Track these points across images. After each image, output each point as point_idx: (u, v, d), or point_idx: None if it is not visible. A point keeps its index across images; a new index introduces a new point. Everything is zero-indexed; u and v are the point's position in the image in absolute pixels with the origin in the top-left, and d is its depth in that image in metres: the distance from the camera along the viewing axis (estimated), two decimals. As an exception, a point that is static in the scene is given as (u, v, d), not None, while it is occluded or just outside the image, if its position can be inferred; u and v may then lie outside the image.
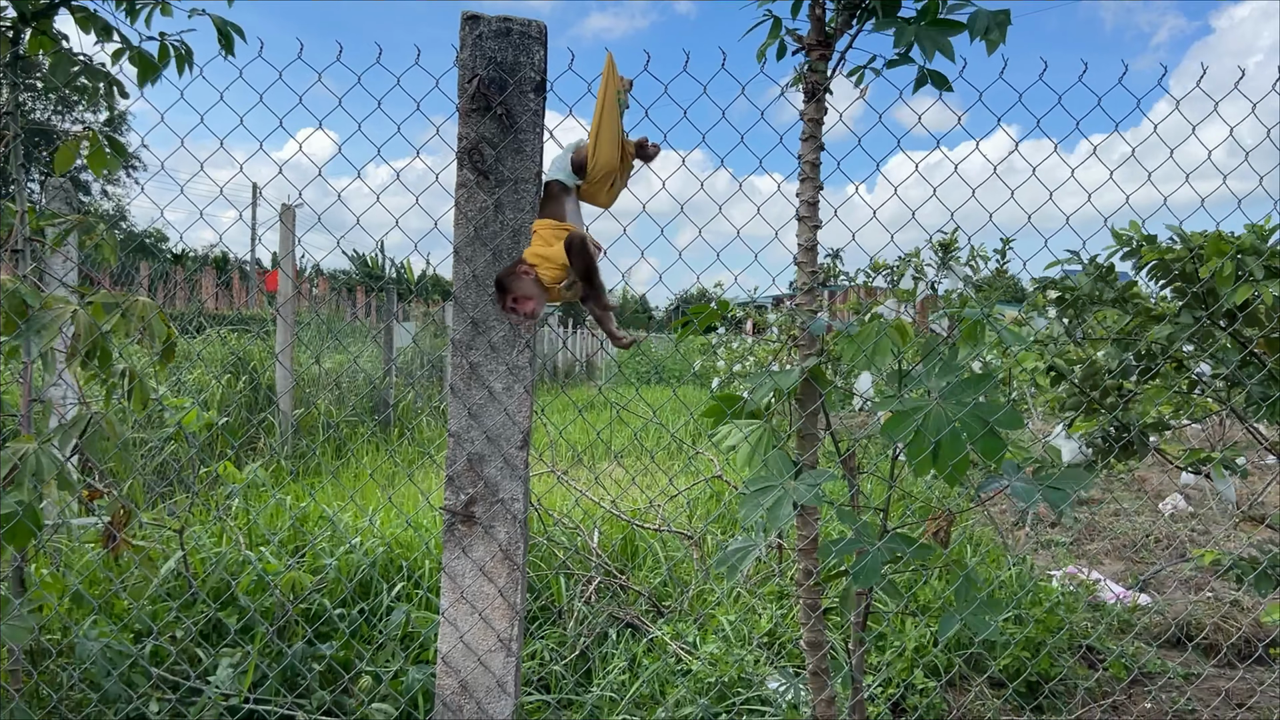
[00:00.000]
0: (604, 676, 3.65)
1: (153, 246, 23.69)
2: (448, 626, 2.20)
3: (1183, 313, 3.57)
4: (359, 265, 40.60)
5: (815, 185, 2.57)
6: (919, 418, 2.25)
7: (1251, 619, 5.03)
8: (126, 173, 35.43)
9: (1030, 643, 4.36)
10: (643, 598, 4.40)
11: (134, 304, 2.50)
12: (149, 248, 11.36)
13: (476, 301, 2.17)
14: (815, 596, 2.60)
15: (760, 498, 2.24)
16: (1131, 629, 4.93)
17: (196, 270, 21.04)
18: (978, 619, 2.32)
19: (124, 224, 32.48)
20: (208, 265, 25.76)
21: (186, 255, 26.21)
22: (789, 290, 3.45)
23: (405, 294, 17.57)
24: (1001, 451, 2.21)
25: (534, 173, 2.16)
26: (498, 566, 2.19)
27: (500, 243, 2.15)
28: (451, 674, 2.20)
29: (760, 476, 2.32)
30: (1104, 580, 5.74)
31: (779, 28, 2.58)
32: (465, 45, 2.11)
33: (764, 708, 3.49)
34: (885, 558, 2.29)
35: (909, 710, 3.84)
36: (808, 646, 2.64)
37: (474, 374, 2.18)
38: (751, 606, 4.47)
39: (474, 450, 2.18)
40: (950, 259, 5.98)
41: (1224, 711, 4.16)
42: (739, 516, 2.23)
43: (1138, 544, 7.08)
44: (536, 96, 2.14)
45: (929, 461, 2.25)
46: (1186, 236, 3.50)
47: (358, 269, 41.27)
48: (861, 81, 2.58)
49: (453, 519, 2.18)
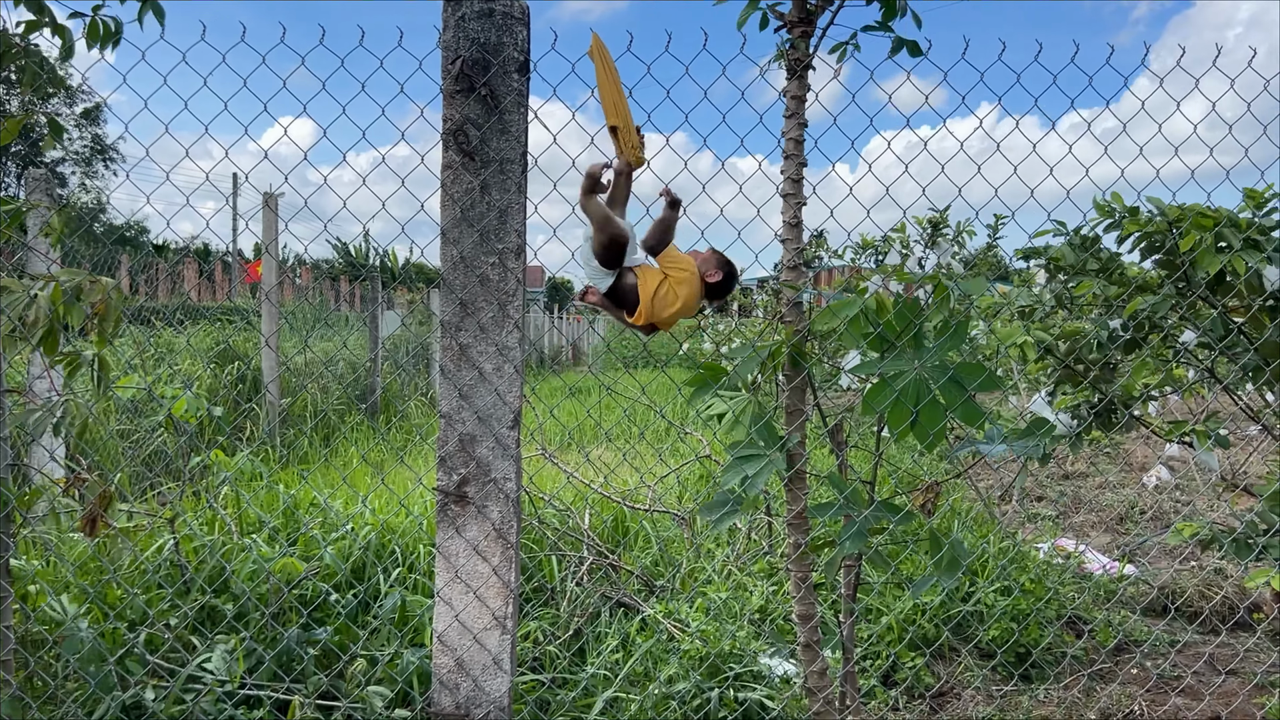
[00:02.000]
0: (597, 655, 3.68)
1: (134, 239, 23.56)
2: (443, 606, 2.22)
3: (1165, 284, 3.61)
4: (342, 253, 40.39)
5: (799, 162, 2.59)
6: (898, 386, 2.28)
7: (1234, 584, 5.11)
8: (105, 164, 35.15)
9: (1018, 612, 4.42)
10: (634, 577, 4.43)
11: (91, 284, 2.44)
12: (130, 240, 11.27)
13: (464, 282, 2.18)
14: (805, 569, 2.63)
15: (744, 465, 2.27)
16: (1115, 598, 5.00)
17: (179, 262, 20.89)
18: (949, 574, 2.34)
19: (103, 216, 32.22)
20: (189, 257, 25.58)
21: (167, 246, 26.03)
22: (773, 271, 3.47)
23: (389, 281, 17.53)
24: (982, 419, 2.24)
25: (519, 153, 2.16)
26: (491, 545, 2.21)
27: (487, 223, 2.16)
28: (447, 652, 2.22)
29: (745, 444, 2.34)
30: (1089, 549, 5.81)
31: (756, 3, 2.59)
32: (448, 26, 2.11)
33: (755, 683, 3.53)
34: (871, 524, 2.33)
35: (899, 682, 3.89)
36: (799, 619, 2.67)
37: (463, 355, 2.19)
38: (742, 583, 4.51)
39: (465, 431, 2.20)
40: (939, 236, 6.00)
41: (1208, 677, 4.22)
42: (719, 478, 2.26)
43: (1123, 516, 7.16)
44: (520, 77, 2.14)
45: (908, 429, 2.28)
46: (1166, 209, 3.53)
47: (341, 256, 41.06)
48: (844, 58, 2.60)
49: (445, 499, 2.20)
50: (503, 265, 2.18)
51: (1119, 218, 3.82)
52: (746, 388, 2.43)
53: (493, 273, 2.18)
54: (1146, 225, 3.60)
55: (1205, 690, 4.05)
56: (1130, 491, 7.88)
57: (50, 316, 2.34)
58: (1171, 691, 4.07)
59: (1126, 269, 3.88)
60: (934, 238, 6.25)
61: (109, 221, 31.85)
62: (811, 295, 2.57)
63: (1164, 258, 3.67)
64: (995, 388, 2.21)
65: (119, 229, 31.20)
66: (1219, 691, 4.06)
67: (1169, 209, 3.58)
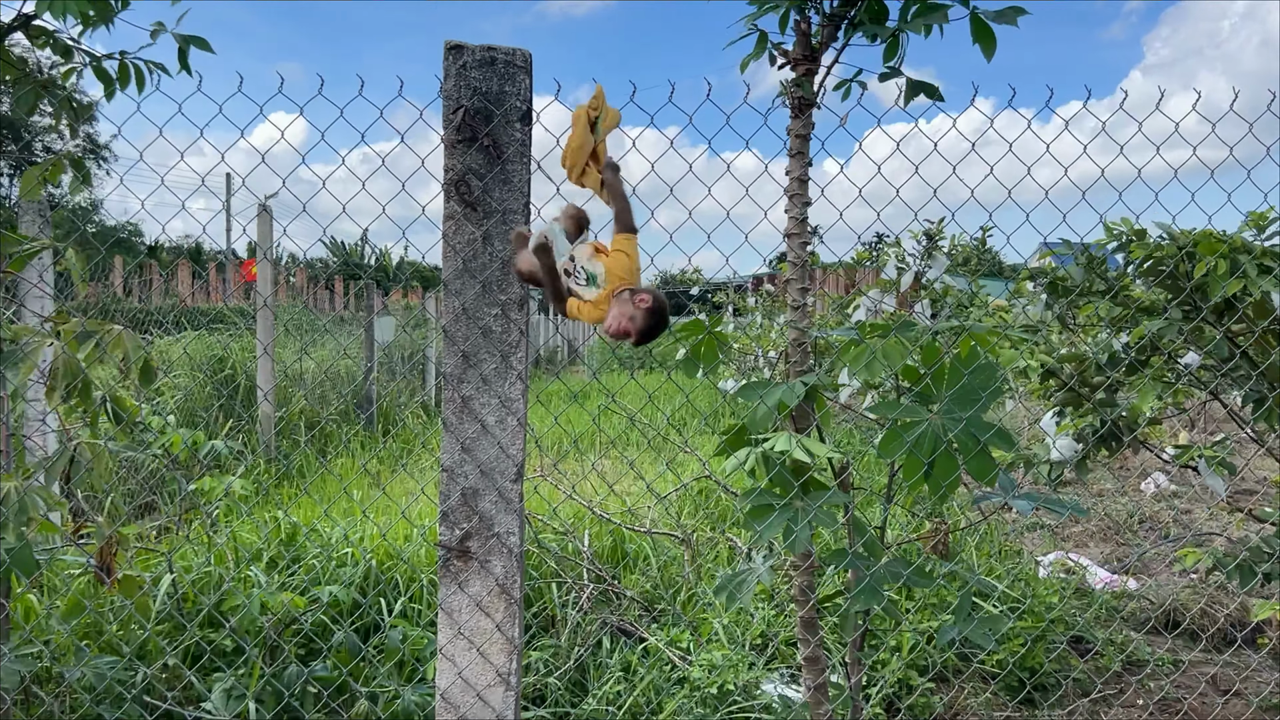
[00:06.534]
0: (599, 687, 3.64)
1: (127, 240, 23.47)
2: (445, 662, 2.18)
3: (1171, 308, 3.57)
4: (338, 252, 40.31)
5: (803, 171, 2.55)
6: (912, 434, 2.24)
7: (1238, 602, 5.09)
8: (98, 163, 34.94)
9: (1022, 632, 4.39)
10: (635, 603, 4.40)
11: (110, 334, 2.44)
12: (124, 242, 11.20)
13: (467, 334, 2.14)
14: (813, 614, 2.60)
15: (765, 515, 2.23)
16: (1118, 615, 4.98)
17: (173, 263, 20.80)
18: (979, 634, 2.32)
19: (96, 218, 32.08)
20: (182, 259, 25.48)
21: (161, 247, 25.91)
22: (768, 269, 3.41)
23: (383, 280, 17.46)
24: (993, 473, 2.21)
25: (522, 204, 2.12)
26: (494, 601, 2.18)
27: (489, 275, 2.12)
28: (451, 709, 2.19)
29: (757, 492, 2.30)
30: (1091, 565, 5.78)
31: (765, 43, 2.55)
32: (449, 76, 2.07)
33: (763, 716, 3.50)
34: (884, 579, 2.29)
35: (905, 710, 3.86)
36: (806, 662, 2.64)
37: (466, 407, 2.15)
38: (743, 608, 4.47)
39: (468, 485, 2.16)
40: (935, 248, 5.98)
41: (1211, 699, 4.20)
42: (749, 537, 2.22)
43: (1123, 525, 7.14)
44: (523, 126, 2.10)
45: (922, 480, 2.25)
46: (1176, 235, 3.51)
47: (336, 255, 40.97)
48: (848, 96, 2.56)
49: (448, 554, 2.16)
50: (505, 316, 2.14)
51: (1126, 239, 3.80)
52: (766, 432, 2.38)
53: (495, 324, 2.14)
54: (1155, 250, 3.57)
55: (1210, 712, 4.04)
56: (1129, 499, 7.86)
57: (71, 368, 2.32)
58: (1176, 714, 4.06)
59: (1132, 291, 3.86)
60: (930, 250, 6.23)
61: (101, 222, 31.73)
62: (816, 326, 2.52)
63: (1170, 281, 3.64)
64: (1011, 445, 2.18)
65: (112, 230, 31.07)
66: (1224, 713, 4.05)
67: (1180, 234, 3.55)
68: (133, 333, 2.45)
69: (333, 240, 40.55)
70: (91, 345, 2.36)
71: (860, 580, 2.21)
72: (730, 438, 2.45)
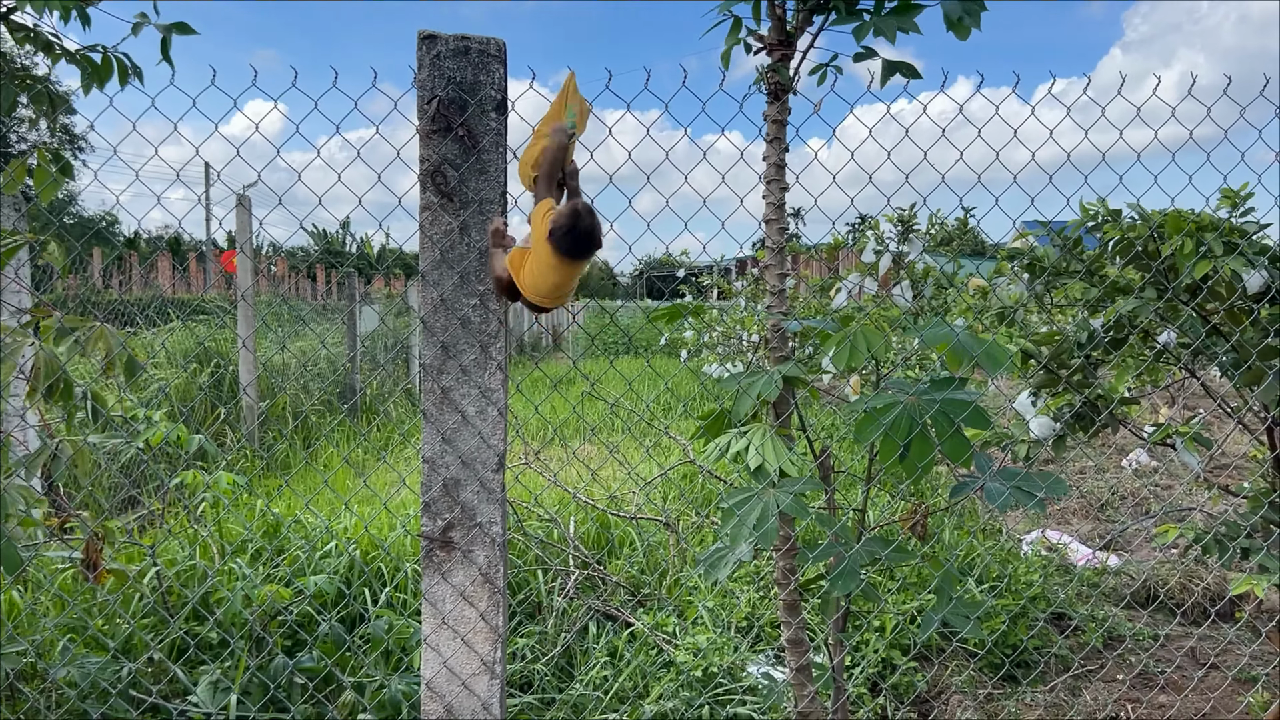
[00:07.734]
0: (586, 672, 3.67)
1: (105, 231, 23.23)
2: (430, 652, 2.19)
3: (1146, 287, 3.61)
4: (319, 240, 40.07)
5: (780, 156, 2.56)
6: (889, 418, 2.26)
7: (1215, 576, 5.16)
8: (74, 155, 34.62)
9: (1004, 609, 4.44)
10: (620, 588, 4.42)
11: (91, 330, 2.44)
12: (102, 233, 11.10)
13: (445, 325, 2.14)
14: (795, 596, 2.62)
15: (741, 509, 2.25)
16: (1098, 591, 5.03)
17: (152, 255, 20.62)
18: (958, 618, 2.35)
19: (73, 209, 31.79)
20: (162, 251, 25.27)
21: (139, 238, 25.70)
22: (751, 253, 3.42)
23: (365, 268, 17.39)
24: (968, 454, 2.23)
25: (498, 194, 2.12)
26: (478, 591, 2.19)
27: (467, 265, 2.12)
28: (436, 699, 2.20)
29: (739, 487, 2.32)
30: (1072, 542, 5.85)
31: (739, 28, 2.55)
32: (423, 65, 2.06)
33: (748, 697, 3.53)
34: (863, 560, 2.32)
35: (888, 689, 3.90)
36: (789, 644, 2.67)
37: (446, 398, 2.15)
38: (728, 590, 4.51)
39: (449, 475, 2.16)
40: (911, 231, 6.02)
41: (1191, 671, 4.27)
42: (722, 532, 2.23)
43: (1104, 502, 7.22)
44: (498, 116, 2.10)
45: (898, 463, 2.27)
46: (1147, 214, 3.54)
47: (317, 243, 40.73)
48: (824, 80, 2.56)
49: (431, 545, 2.17)
50: (484, 307, 2.15)
51: (1101, 219, 3.83)
52: (749, 422, 2.40)
53: (474, 315, 2.14)
54: (1129, 231, 3.60)
55: (1188, 685, 4.10)
56: (1110, 476, 7.93)
57: (55, 365, 2.31)
58: (1154, 688, 4.12)
59: (1108, 271, 3.89)
60: (906, 233, 6.27)
61: (79, 213, 31.45)
62: (794, 326, 2.53)
63: (1143, 260, 3.68)
64: (985, 426, 2.20)
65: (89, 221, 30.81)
66: (1202, 686, 4.11)
67: (1151, 214, 3.58)
68: (113, 329, 2.44)
69: (314, 227, 40.34)
70: (71, 341, 2.35)
71: (839, 564, 2.23)
72: (710, 422, 2.47)
